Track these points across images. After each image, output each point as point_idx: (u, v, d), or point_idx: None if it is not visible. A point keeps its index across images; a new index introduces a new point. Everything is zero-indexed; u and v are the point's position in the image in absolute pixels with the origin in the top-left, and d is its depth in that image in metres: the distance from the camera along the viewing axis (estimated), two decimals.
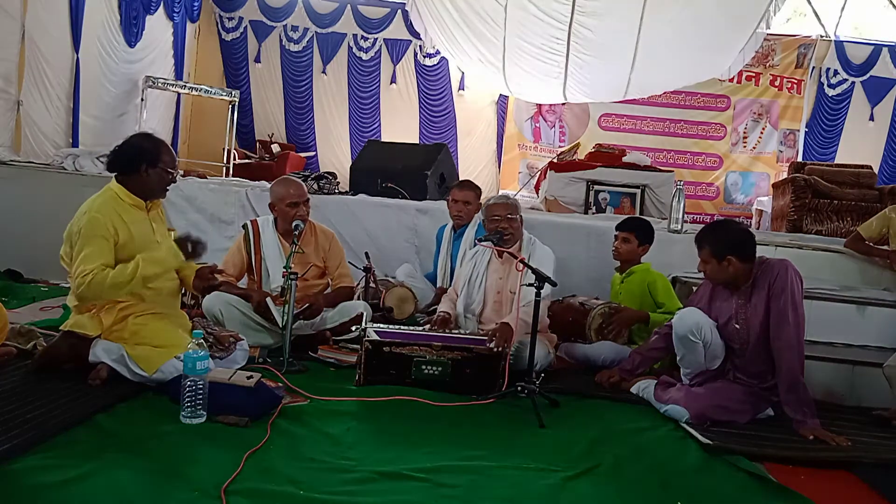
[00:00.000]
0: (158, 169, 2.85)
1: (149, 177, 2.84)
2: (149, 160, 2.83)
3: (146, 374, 2.66)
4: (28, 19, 5.97)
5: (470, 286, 3.58)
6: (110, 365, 2.70)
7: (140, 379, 2.68)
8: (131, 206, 2.83)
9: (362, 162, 5.90)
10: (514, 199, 3.68)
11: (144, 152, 2.84)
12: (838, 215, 6.29)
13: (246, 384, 2.52)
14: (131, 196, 2.84)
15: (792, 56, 9.31)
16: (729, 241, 2.94)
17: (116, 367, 2.70)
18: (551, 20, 7.05)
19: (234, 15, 9.37)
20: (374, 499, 1.98)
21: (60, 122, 6.67)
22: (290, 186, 3.62)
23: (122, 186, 2.84)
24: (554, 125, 9.50)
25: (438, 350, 3.01)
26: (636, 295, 3.80)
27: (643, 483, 2.25)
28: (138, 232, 2.81)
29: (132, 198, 2.84)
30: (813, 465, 2.54)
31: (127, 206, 2.82)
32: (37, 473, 1.92)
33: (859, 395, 3.39)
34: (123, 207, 2.81)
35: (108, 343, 2.74)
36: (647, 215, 6.25)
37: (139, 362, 2.67)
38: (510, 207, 3.53)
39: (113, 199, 2.81)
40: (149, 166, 2.83)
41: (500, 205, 3.54)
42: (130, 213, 2.82)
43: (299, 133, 9.47)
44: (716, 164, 9.43)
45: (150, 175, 2.84)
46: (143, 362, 2.67)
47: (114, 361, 2.69)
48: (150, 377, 2.66)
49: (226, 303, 3.37)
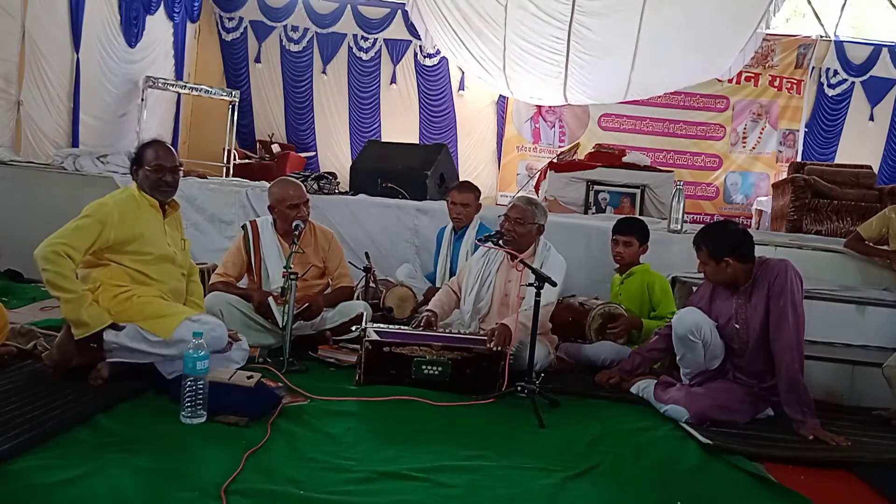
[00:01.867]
0: (145, 169, 2.92)
1: (140, 178, 2.94)
2: (137, 162, 2.95)
3: (164, 339, 2.67)
4: (28, 19, 5.98)
5: (480, 286, 3.56)
6: (126, 346, 2.68)
7: (158, 350, 2.68)
8: (148, 206, 2.93)
9: (362, 162, 5.90)
10: (532, 206, 3.51)
11: (136, 156, 2.97)
12: (838, 215, 6.28)
13: (246, 384, 2.52)
14: (144, 196, 2.93)
15: (791, 56, 9.32)
16: (726, 242, 2.94)
17: (132, 345, 2.67)
18: (551, 20, 7.06)
19: (235, 15, 9.38)
20: (374, 499, 1.98)
21: (61, 122, 6.68)
22: (290, 188, 3.60)
23: (139, 185, 2.96)
24: (554, 125, 9.51)
25: (438, 350, 3.01)
26: (635, 296, 3.80)
27: (643, 483, 2.25)
28: (150, 232, 2.89)
29: (146, 198, 2.93)
30: (813, 465, 2.54)
31: (144, 205, 2.92)
32: (37, 473, 1.92)
33: (859, 395, 3.39)
34: (142, 206, 2.91)
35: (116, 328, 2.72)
36: (646, 215, 6.25)
37: (154, 330, 2.69)
38: (523, 213, 3.44)
39: (132, 196, 2.92)
40: (138, 168, 2.95)
41: (516, 207, 3.49)
42: (147, 213, 2.92)
43: (299, 133, 9.47)
44: (715, 164, 9.43)
45: (140, 176, 2.94)
46: (159, 328, 2.69)
47: (128, 337, 2.68)
48: (169, 341, 2.66)
49: (226, 303, 3.37)
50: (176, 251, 3.00)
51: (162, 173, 2.92)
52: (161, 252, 2.91)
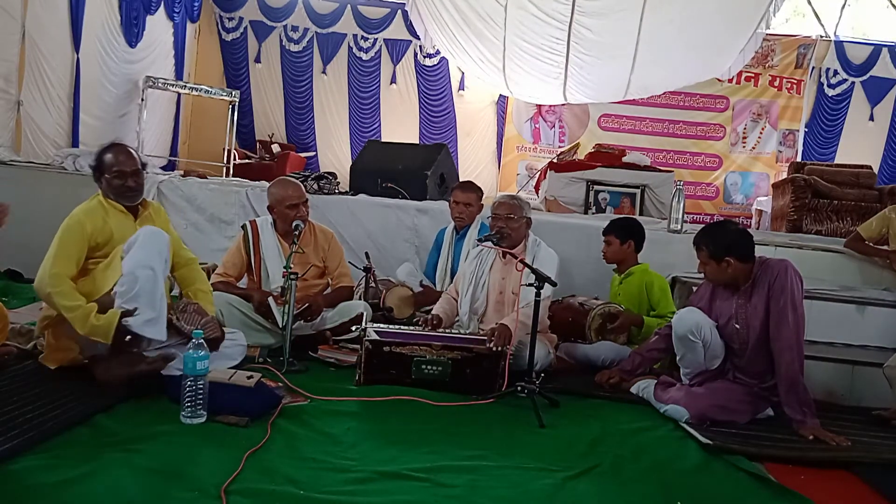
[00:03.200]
0: (105, 177, 2.88)
1: (104, 185, 2.90)
2: (98, 169, 2.91)
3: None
4: (28, 19, 5.97)
5: (474, 286, 3.58)
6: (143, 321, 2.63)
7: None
8: (116, 212, 2.89)
9: (362, 162, 5.90)
10: (518, 201, 3.61)
11: (96, 163, 2.91)
12: (838, 215, 6.28)
13: (246, 384, 2.52)
14: (110, 202, 2.89)
15: (791, 56, 9.31)
16: (726, 243, 2.95)
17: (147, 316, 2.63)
18: (551, 20, 7.06)
19: (235, 15, 9.37)
20: (374, 499, 1.98)
21: (61, 122, 6.67)
22: (289, 188, 3.61)
23: (103, 194, 2.92)
24: (553, 125, 9.51)
25: (438, 350, 3.02)
26: (634, 295, 3.80)
27: (643, 483, 2.25)
28: (120, 237, 2.81)
29: (112, 204, 2.89)
30: (813, 465, 2.54)
31: (112, 211, 2.88)
32: (37, 473, 1.92)
33: (859, 395, 3.39)
34: (109, 213, 2.87)
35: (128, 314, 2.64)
36: (646, 215, 6.26)
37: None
38: (511, 208, 3.52)
39: (99, 204, 2.89)
40: (100, 175, 2.90)
41: (503, 204, 3.54)
42: (115, 219, 2.88)
43: (299, 133, 9.47)
44: (715, 164, 9.43)
45: (103, 184, 2.90)
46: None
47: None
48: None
49: (226, 303, 3.37)
50: None
51: (124, 179, 2.87)
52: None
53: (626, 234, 3.89)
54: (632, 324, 3.65)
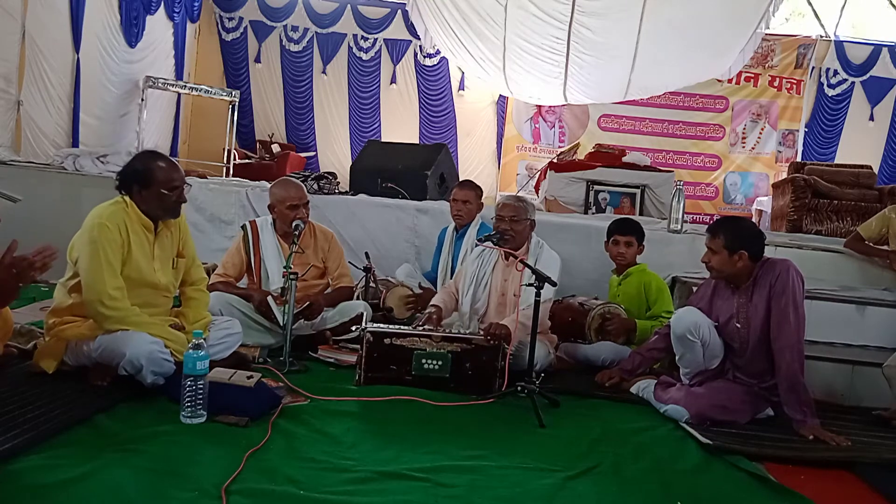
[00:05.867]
0: (153, 190, 2.69)
1: (143, 198, 2.71)
2: (140, 181, 2.69)
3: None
4: (28, 19, 5.98)
5: (476, 286, 3.57)
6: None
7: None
8: (138, 224, 2.71)
9: (362, 162, 5.90)
10: (523, 203, 3.55)
11: (135, 173, 2.70)
12: (838, 215, 6.28)
13: (246, 384, 2.52)
14: (139, 214, 2.71)
15: (791, 56, 9.32)
16: (745, 236, 2.94)
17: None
18: (551, 20, 7.06)
19: (235, 15, 9.38)
20: (374, 499, 1.98)
21: (61, 122, 6.68)
22: (290, 189, 3.60)
23: (134, 202, 2.72)
24: (553, 125, 9.51)
25: (438, 342, 3.03)
26: (633, 296, 3.80)
27: (643, 483, 2.25)
28: (138, 253, 2.69)
29: (140, 216, 2.71)
30: (813, 465, 2.54)
31: (135, 225, 2.70)
32: (37, 473, 1.92)
33: (859, 395, 3.39)
34: (132, 227, 2.69)
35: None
36: (646, 215, 6.26)
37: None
38: (516, 210, 3.48)
39: (123, 210, 2.69)
40: (141, 188, 2.70)
41: (507, 206, 3.52)
42: (136, 234, 2.70)
43: (299, 133, 9.48)
44: (715, 164, 9.44)
45: (144, 196, 2.70)
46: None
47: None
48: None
49: (226, 303, 3.36)
50: (161, 275, 2.78)
51: (180, 194, 2.72)
52: (141, 276, 2.70)
53: (643, 237, 3.89)
54: (625, 329, 3.65)
